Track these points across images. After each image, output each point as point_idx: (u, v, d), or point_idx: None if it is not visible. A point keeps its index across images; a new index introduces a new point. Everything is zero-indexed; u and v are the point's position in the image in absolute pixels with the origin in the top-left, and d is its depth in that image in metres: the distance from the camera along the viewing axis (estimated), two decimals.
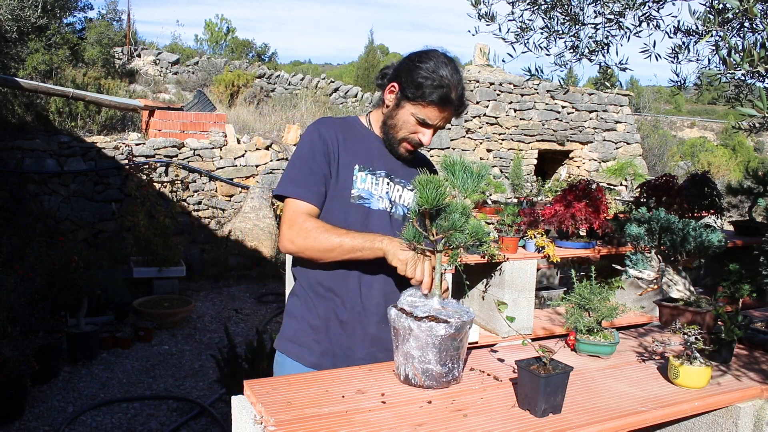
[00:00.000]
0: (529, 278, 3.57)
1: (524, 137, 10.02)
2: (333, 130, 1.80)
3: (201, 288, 6.61)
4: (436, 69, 1.69)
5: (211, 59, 12.96)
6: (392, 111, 1.78)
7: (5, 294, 3.70)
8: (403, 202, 1.85)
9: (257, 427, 1.26)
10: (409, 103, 1.73)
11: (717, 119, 24.52)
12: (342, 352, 1.78)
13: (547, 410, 1.35)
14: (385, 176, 1.82)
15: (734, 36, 1.77)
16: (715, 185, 4.07)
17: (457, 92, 1.72)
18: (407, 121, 1.75)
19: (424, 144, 1.78)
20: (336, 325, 1.78)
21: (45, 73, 9.43)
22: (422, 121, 1.74)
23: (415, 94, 1.70)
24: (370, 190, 1.79)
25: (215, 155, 7.37)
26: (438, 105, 1.70)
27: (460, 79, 1.74)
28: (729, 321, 1.73)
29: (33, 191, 6.31)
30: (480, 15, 2.19)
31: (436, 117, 1.73)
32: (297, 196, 1.74)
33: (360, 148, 1.81)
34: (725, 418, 1.54)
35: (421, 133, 1.76)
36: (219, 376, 3.52)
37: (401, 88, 1.74)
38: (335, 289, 1.78)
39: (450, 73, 1.70)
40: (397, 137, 1.78)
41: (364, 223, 1.77)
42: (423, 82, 1.69)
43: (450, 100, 1.71)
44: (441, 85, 1.68)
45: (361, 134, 1.85)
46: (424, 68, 1.70)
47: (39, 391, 3.99)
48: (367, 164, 1.80)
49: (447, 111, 1.73)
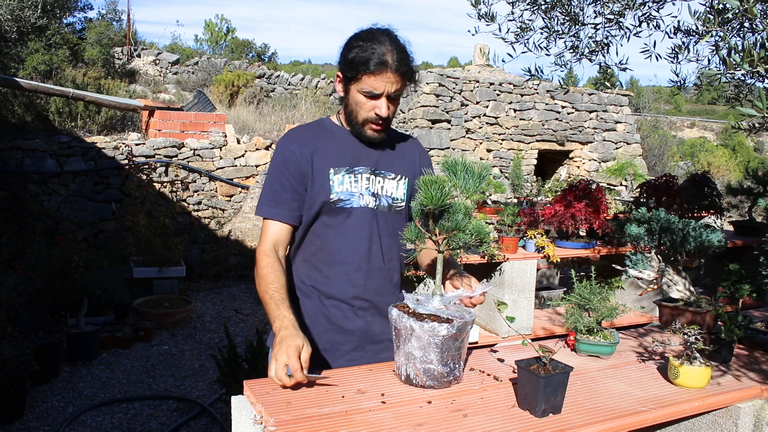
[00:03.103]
0: (529, 278, 3.57)
1: (524, 137, 10.02)
2: (301, 141, 1.80)
3: (201, 288, 6.61)
4: (364, 41, 1.70)
5: (211, 59, 12.95)
6: (345, 99, 1.78)
7: (5, 294, 3.69)
8: (385, 193, 1.84)
9: (257, 427, 1.27)
10: (352, 85, 1.73)
11: (717, 119, 24.52)
12: (330, 346, 1.80)
13: (547, 410, 1.35)
14: (365, 171, 1.81)
15: (734, 36, 1.78)
16: (715, 185, 4.07)
17: (394, 55, 1.69)
18: (359, 102, 1.74)
19: (382, 116, 1.73)
20: (324, 320, 1.80)
21: (45, 73, 9.43)
22: (370, 94, 1.71)
23: (353, 73, 1.70)
24: (349, 190, 1.78)
25: (215, 155, 7.37)
26: (374, 72, 1.68)
27: (396, 41, 1.72)
28: (729, 321, 1.73)
29: (33, 191, 6.31)
30: (480, 15, 2.19)
31: (380, 84, 1.69)
32: (268, 215, 1.78)
33: (333, 151, 1.80)
34: (725, 418, 1.54)
35: (376, 107, 1.73)
36: (219, 376, 3.52)
37: (343, 74, 1.75)
38: (319, 286, 1.81)
39: (380, 41, 1.69)
40: (358, 121, 1.77)
41: (344, 224, 1.78)
42: (355, 57, 1.69)
43: (387, 63, 1.68)
44: (373, 53, 1.68)
45: (333, 134, 1.84)
46: (354, 45, 1.71)
47: (39, 391, 3.99)
48: (343, 164, 1.79)
49: (388, 74, 1.69)
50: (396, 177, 1.85)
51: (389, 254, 1.84)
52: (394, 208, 1.85)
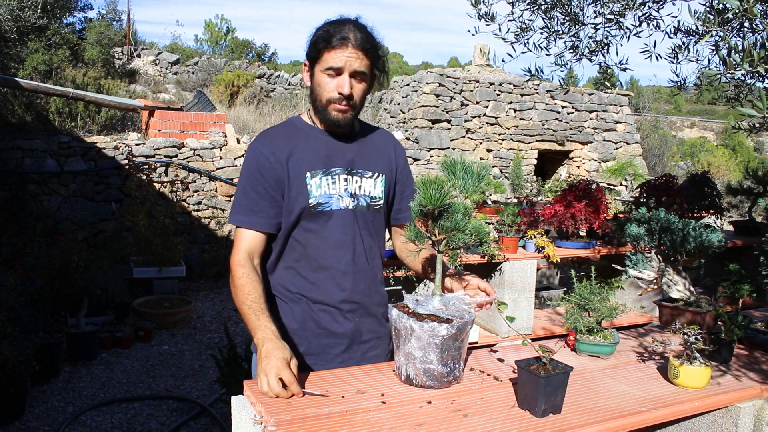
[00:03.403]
0: (529, 278, 3.57)
1: (524, 137, 10.02)
2: (274, 145, 1.76)
3: (201, 288, 6.61)
4: (328, 26, 1.71)
5: (211, 59, 12.96)
6: (311, 86, 1.77)
7: (5, 294, 3.69)
8: (363, 193, 1.81)
9: (257, 427, 1.27)
10: (316, 66, 1.73)
11: (717, 119, 24.52)
12: (320, 350, 1.78)
13: (547, 410, 1.35)
14: (342, 172, 1.78)
15: (734, 36, 1.78)
16: (715, 185, 4.07)
17: (356, 33, 1.69)
18: (322, 83, 1.72)
19: (344, 93, 1.69)
20: (313, 325, 1.78)
21: (45, 73, 9.43)
22: (332, 70, 1.70)
23: (315, 53, 1.71)
24: (328, 193, 1.75)
25: (215, 155, 7.37)
26: (336, 46, 1.67)
27: (359, 24, 1.73)
28: (729, 321, 1.73)
29: (33, 191, 6.31)
30: (480, 15, 2.19)
31: (341, 58, 1.68)
32: (242, 224, 1.73)
33: (308, 152, 1.77)
34: (725, 418, 1.54)
35: (339, 86, 1.71)
36: (219, 376, 3.52)
37: (309, 60, 1.75)
38: (305, 293, 1.78)
39: (342, 23, 1.71)
40: (323, 102, 1.74)
41: (325, 227, 1.75)
42: (316, 38, 1.71)
43: (345, 37, 1.68)
44: (334, 30, 1.68)
45: (306, 134, 1.80)
46: (318, 30, 1.72)
47: (39, 391, 3.99)
48: (319, 166, 1.76)
49: (348, 48, 1.68)
50: (373, 175, 1.83)
51: (371, 254, 1.83)
52: (373, 207, 1.83)
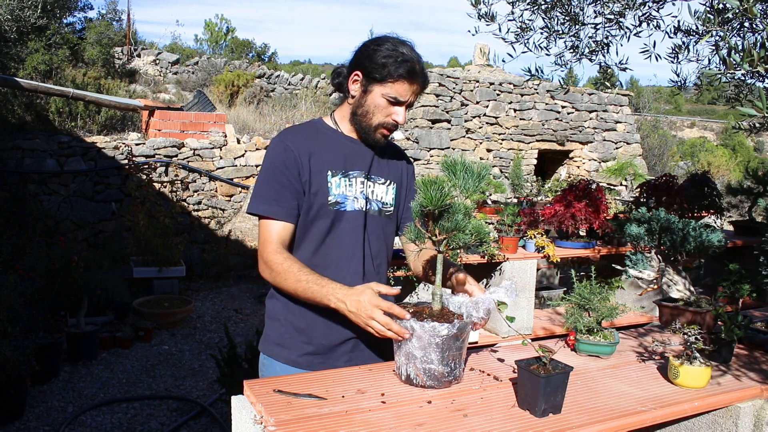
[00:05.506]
0: (529, 278, 3.57)
1: (524, 137, 10.02)
2: (300, 139, 1.78)
3: (201, 288, 6.61)
4: (395, 47, 1.71)
5: (211, 59, 12.96)
6: (360, 99, 1.76)
7: (5, 294, 3.69)
8: (376, 198, 1.84)
9: (257, 427, 1.26)
10: (377, 85, 1.72)
11: (717, 119, 24.51)
12: (327, 349, 1.79)
13: (547, 410, 1.35)
14: (359, 176, 1.81)
15: (734, 36, 1.78)
16: (715, 185, 4.07)
17: (420, 66, 1.73)
18: (379, 105, 1.73)
19: (399, 123, 1.76)
20: (320, 324, 1.78)
21: (45, 73, 9.42)
22: (394, 100, 1.72)
23: (382, 74, 1.70)
24: (344, 194, 1.78)
25: (215, 155, 7.37)
26: (407, 79, 1.70)
27: (419, 55, 1.76)
28: (729, 321, 1.73)
29: (33, 191, 6.31)
30: (480, 15, 2.19)
31: (406, 92, 1.72)
32: (268, 214, 1.72)
33: (330, 153, 1.79)
34: (725, 418, 1.54)
35: (395, 113, 1.74)
36: (219, 376, 3.52)
37: (365, 74, 1.73)
38: None
39: (408, 50, 1.73)
40: (371, 124, 1.76)
41: (338, 227, 1.77)
42: (386, 61, 1.69)
43: (416, 73, 1.71)
44: (405, 60, 1.69)
45: (328, 137, 1.82)
46: (384, 49, 1.71)
47: (39, 391, 3.99)
48: (339, 167, 1.78)
49: (415, 84, 1.73)
50: (385, 182, 1.87)
51: (378, 258, 1.86)
52: (384, 212, 1.86)
